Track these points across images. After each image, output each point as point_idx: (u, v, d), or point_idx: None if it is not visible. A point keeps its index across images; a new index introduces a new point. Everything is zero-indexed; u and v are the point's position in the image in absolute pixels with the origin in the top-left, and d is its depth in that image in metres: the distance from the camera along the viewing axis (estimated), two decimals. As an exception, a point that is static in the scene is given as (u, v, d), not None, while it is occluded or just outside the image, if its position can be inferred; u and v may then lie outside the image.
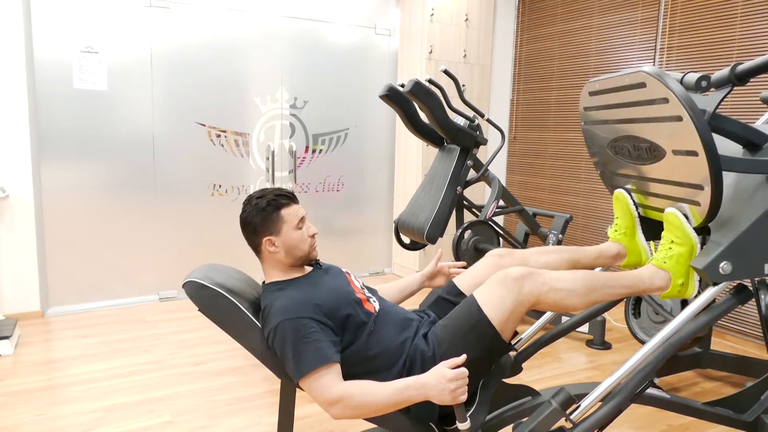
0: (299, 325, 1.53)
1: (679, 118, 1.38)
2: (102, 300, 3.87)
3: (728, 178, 1.70)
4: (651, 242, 1.89)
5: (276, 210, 1.67)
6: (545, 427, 1.51)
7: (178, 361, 2.97)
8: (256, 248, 1.72)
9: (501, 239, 3.27)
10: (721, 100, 1.56)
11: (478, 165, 3.22)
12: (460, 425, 1.46)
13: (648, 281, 1.63)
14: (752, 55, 3.24)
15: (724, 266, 1.48)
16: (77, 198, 3.73)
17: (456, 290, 1.83)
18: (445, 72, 3.12)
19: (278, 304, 1.58)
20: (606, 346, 3.29)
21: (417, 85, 2.87)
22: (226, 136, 4.12)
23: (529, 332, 2.06)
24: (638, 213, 1.87)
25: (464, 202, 3.30)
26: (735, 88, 1.82)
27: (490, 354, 1.61)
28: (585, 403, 1.55)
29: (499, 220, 5.11)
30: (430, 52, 4.38)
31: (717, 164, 1.40)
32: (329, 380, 1.49)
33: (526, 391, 1.83)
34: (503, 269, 1.62)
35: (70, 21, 3.56)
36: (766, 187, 1.55)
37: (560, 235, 3.35)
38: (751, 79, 1.46)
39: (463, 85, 4.56)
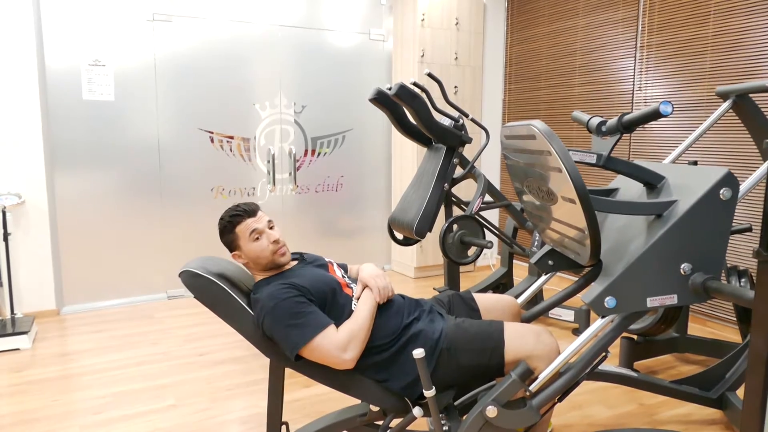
0: (290, 303, 1.70)
1: (560, 170, 1.50)
2: (113, 299, 4.08)
3: (620, 218, 1.82)
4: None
5: (231, 229, 1.88)
6: (506, 397, 1.67)
7: (184, 353, 3.16)
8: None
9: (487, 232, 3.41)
10: (614, 145, 1.76)
11: (464, 162, 3.37)
12: (426, 392, 1.63)
13: None
14: (725, 50, 3.37)
15: (609, 301, 1.59)
16: (88, 203, 3.95)
17: (470, 297, 2.06)
18: (429, 75, 3.27)
19: (266, 292, 1.76)
20: (591, 333, 3.42)
21: (401, 88, 3.02)
22: (228, 141, 4.32)
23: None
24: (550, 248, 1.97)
25: (452, 198, 3.45)
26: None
27: (486, 370, 1.77)
28: (541, 375, 1.71)
29: (494, 217, 5.25)
30: (422, 55, 4.54)
31: (590, 211, 1.49)
32: (332, 334, 1.68)
33: None
34: (540, 328, 1.80)
35: (78, 36, 3.79)
36: (647, 229, 1.66)
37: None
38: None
39: (455, 87, 4.72)
